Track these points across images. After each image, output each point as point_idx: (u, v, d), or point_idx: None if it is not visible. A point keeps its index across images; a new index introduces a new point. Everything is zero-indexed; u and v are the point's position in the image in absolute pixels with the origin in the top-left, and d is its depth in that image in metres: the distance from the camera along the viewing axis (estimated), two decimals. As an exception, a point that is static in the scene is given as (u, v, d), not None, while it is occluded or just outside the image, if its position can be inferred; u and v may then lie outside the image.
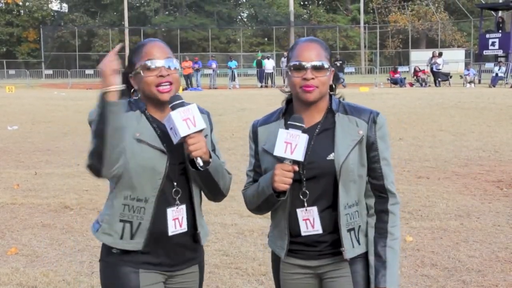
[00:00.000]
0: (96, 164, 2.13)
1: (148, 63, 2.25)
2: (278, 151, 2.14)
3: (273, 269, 2.43)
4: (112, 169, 2.15)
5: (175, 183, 2.27)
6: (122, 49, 2.44)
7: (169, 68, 2.27)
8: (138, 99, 2.32)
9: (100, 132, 2.09)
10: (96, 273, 4.57)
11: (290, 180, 2.15)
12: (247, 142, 2.46)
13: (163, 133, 2.26)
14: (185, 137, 2.14)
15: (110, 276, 2.29)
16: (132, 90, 2.33)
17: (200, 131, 2.18)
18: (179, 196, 2.29)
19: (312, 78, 2.20)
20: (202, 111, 2.39)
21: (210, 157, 2.24)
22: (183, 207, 2.29)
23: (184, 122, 2.14)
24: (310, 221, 2.23)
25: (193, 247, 2.35)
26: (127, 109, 2.28)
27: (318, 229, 2.23)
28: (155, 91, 2.25)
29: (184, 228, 2.29)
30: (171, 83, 2.27)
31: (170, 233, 2.26)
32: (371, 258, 2.23)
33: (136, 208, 2.24)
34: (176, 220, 2.28)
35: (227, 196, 2.48)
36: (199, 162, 2.19)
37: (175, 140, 2.17)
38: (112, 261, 2.27)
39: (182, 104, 2.19)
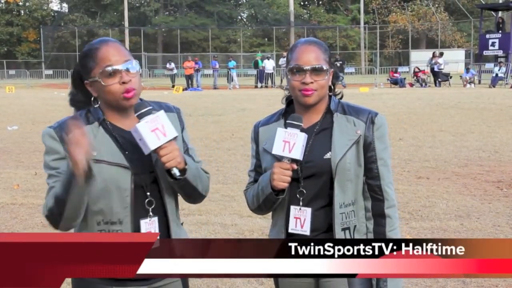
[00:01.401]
0: (56, 219, 2.04)
1: (108, 69, 2.07)
2: (276, 150, 2.16)
3: None
4: (72, 224, 2.07)
5: (148, 193, 2.14)
6: None
7: (128, 70, 2.10)
8: (98, 107, 2.16)
9: (62, 201, 1.99)
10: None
11: (289, 179, 2.17)
12: (247, 142, 2.48)
13: (126, 143, 2.12)
14: (156, 148, 2.02)
15: None
16: (92, 98, 2.17)
17: (172, 140, 2.04)
18: (152, 206, 2.15)
19: (311, 82, 2.22)
20: (172, 109, 2.28)
21: (186, 164, 2.11)
22: (155, 219, 2.14)
23: (153, 133, 2.00)
24: (300, 221, 2.25)
25: None
26: (84, 122, 2.11)
27: (306, 230, 2.24)
28: (120, 99, 2.10)
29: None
30: (134, 89, 2.11)
31: None
32: None
33: (113, 231, 2.10)
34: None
35: (227, 197, 2.48)
36: (175, 172, 2.06)
37: (146, 151, 2.03)
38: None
39: (149, 112, 2.05)
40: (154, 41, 55.80)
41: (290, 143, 2.14)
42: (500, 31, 33.02)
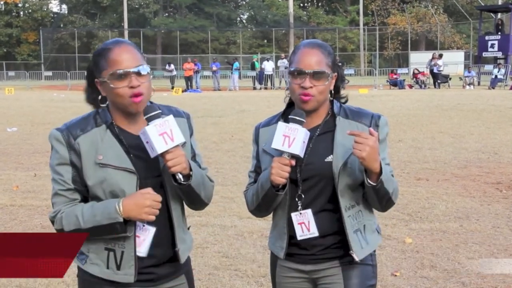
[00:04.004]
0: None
1: (118, 72, 2.03)
2: (276, 144, 2.12)
3: (271, 272, 2.45)
4: None
5: None
6: None
7: (138, 75, 2.05)
8: (106, 107, 2.14)
9: (82, 231, 2.05)
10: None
11: (287, 174, 2.13)
12: (246, 144, 2.48)
13: (133, 147, 2.10)
14: (162, 153, 2.01)
15: None
16: (100, 97, 2.14)
17: (178, 145, 2.03)
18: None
19: (310, 87, 2.19)
20: (181, 114, 2.25)
21: (191, 170, 2.09)
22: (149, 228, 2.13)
23: (160, 137, 1.99)
24: (305, 225, 2.23)
25: (175, 260, 2.19)
26: (92, 125, 2.11)
27: (314, 231, 2.23)
28: (127, 103, 2.06)
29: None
30: (142, 94, 2.06)
31: (143, 254, 2.11)
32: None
33: (116, 236, 2.07)
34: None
35: (227, 198, 2.48)
36: (180, 177, 2.06)
37: (152, 155, 2.02)
38: (90, 279, 2.14)
39: (158, 116, 2.03)
40: (153, 43, 55.80)
41: (290, 137, 2.10)
42: (499, 33, 33.08)
